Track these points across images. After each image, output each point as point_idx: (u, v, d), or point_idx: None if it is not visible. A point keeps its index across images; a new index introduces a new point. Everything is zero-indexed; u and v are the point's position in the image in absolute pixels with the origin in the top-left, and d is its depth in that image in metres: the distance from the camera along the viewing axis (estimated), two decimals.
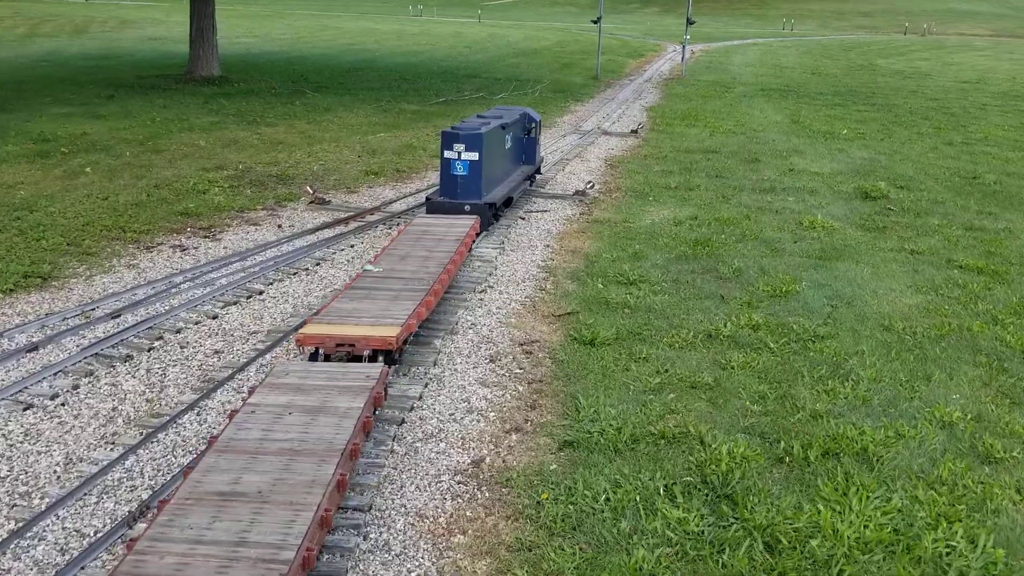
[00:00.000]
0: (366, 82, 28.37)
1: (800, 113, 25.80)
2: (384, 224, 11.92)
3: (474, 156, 11.03)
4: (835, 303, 9.40)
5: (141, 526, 4.93)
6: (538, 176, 14.98)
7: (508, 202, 12.42)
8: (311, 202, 12.77)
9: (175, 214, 11.91)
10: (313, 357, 6.89)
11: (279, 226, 11.67)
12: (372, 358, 6.73)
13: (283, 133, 18.49)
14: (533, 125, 13.98)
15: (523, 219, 12.53)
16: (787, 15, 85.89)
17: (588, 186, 14.08)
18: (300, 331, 6.87)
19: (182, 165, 14.92)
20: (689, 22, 35.61)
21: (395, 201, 13.26)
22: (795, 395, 7.02)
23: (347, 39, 47.51)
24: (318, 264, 10.03)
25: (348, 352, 6.73)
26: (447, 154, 11.15)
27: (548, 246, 11.26)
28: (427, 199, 11.66)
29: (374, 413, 6.05)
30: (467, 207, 11.02)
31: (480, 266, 10.10)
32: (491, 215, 11.44)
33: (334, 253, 10.48)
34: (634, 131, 20.56)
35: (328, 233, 11.27)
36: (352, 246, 10.85)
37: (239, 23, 56.04)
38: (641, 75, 36.25)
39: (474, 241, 10.56)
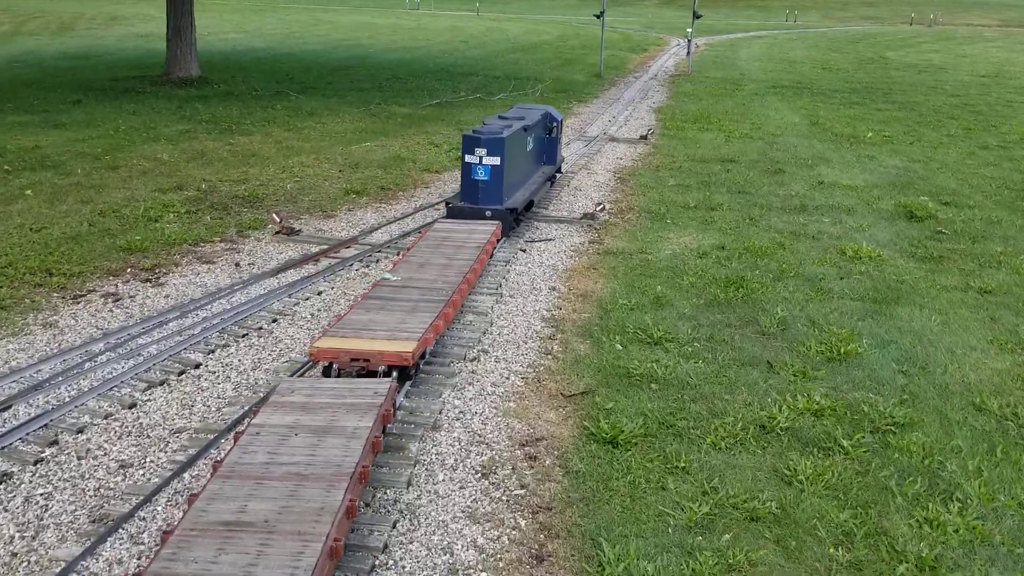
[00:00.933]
0: (356, 82, 26.49)
1: (818, 113, 23.93)
2: (361, 261, 10.07)
3: (496, 161, 10.60)
4: (907, 369, 7.57)
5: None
6: (558, 175, 14.32)
7: (529, 205, 11.92)
8: (278, 232, 10.93)
9: (116, 250, 10.06)
10: (326, 371, 6.58)
11: (236, 264, 9.83)
12: (387, 374, 6.43)
13: (258, 143, 16.63)
14: (555, 125, 13.42)
15: (524, 251, 10.69)
16: (790, 6, 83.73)
17: (598, 208, 12.23)
18: (313, 344, 6.58)
19: (137, 185, 13.07)
20: (696, 16, 33.65)
21: (377, 229, 11.40)
22: (890, 530, 5.19)
23: (340, 34, 45.56)
24: (275, 320, 8.19)
25: (363, 367, 6.45)
26: (468, 158, 10.69)
27: (553, 288, 9.43)
28: (447, 204, 11.19)
29: (383, 431, 5.72)
30: (488, 213, 10.58)
31: (473, 321, 8.26)
32: (512, 220, 10.94)
33: (296, 304, 8.63)
34: (644, 137, 18.70)
35: (293, 275, 9.43)
36: (320, 293, 9.00)
37: (229, 18, 54.09)
38: (645, 71, 34.34)
39: (495, 248, 10.13)
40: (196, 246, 10.43)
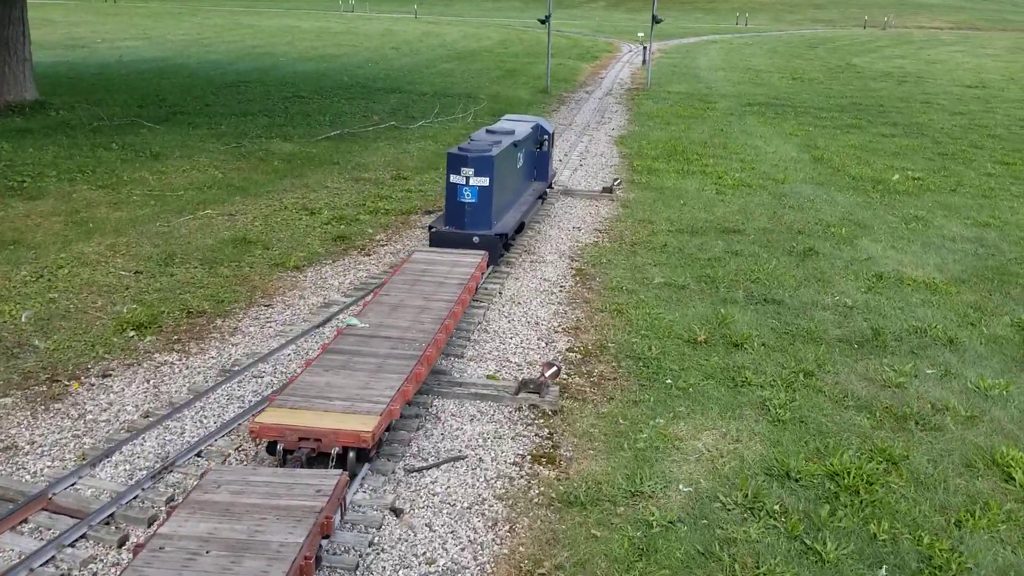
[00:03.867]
0: (243, 103, 20.58)
1: (815, 142, 18.71)
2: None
3: (484, 181, 9.21)
4: None
5: None
6: (549, 190, 12.71)
7: (520, 227, 10.51)
8: None
9: None
10: (271, 449, 5.27)
11: None
12: (343, 456, 5.18)
13: (40, 214, 10.77)
14: (545, 138, 11.89)
15: (397, 514, 5.09)
16: (739, 8, 79.08)
17: (548, 372, 6.62)
18: (257, 418, 5.28)
19: None
20: (656, 20, 28.31)
21: (116, 448, 5.68)
22: None
23: (256, 40, 39.36)
24: None
25: (314, 449, 5.15)
26: (453, 179, 9.29)
27: None
28: (430, 228, 9.56)
29: (326, 538, 4.45)
30: (476, 238, 9.17)
31: None
32: (502, 246, 9.54)
33: None
34: (608, 189, 13.21)
35: None
36: None
37: (140, 23, 47.44)
38: (599, 84, 28.90)
39: (479, 284, 8.44)
40: None
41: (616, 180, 13.52)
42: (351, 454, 5.21)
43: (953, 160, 17.33)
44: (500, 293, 8.86)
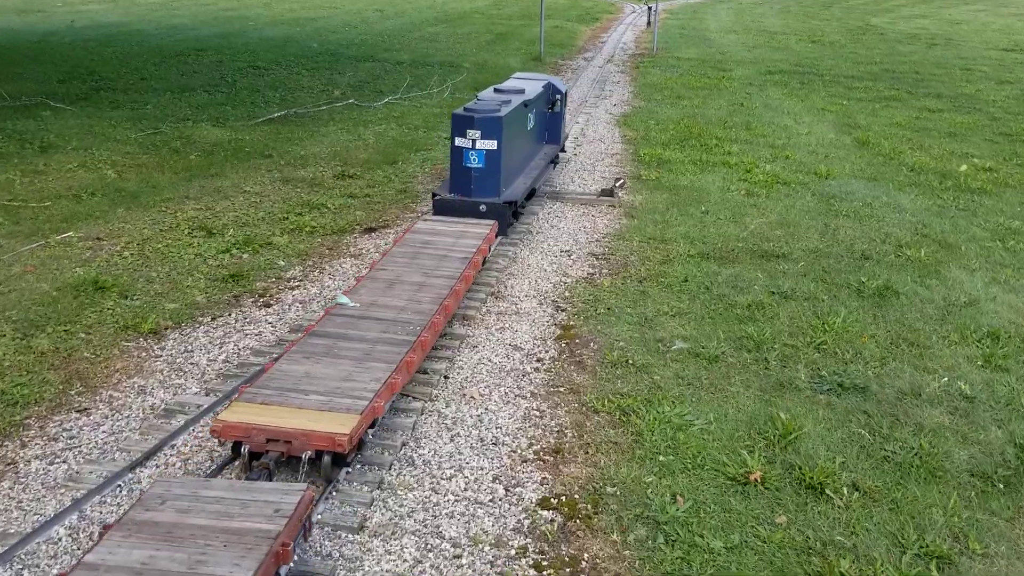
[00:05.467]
0: (186, 76, 17.37)
1: (854, 119, 15.53)
2: None
3: (492, 145, 8.30)
4: None
5: None
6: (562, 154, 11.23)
7: (531, 194, 9.39)
8: None
9: None
10: (236, 449, 4.49)
11: None
12: (315, 460, 4.40)
13: None
14: (558, 98, 10.53)
15: None
16: None
17: None
18: (220, 415, 4.55)
19: None
20: None
21: None
22: None
23: (230, 3, 35.83)
24: None
25: (284, 452, 4.40)
26: (459, 142, 8.36)
27: None
28: (434, 195, 8.52)
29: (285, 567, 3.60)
30: (483, 207, 8.25)
31: None
32: (511, 215, 8.52)
33: None
34: (608, 192, 10.11)
35: None
36: None
37: None
38: (599, 50, 25.52)
39: (486, 257, 7.55)
40: None
41: (618, 179, 10.40)
42: (326, 458, 4.44)
43: (1022, 143, 14.16)
44: (446, 377, 5.83)
